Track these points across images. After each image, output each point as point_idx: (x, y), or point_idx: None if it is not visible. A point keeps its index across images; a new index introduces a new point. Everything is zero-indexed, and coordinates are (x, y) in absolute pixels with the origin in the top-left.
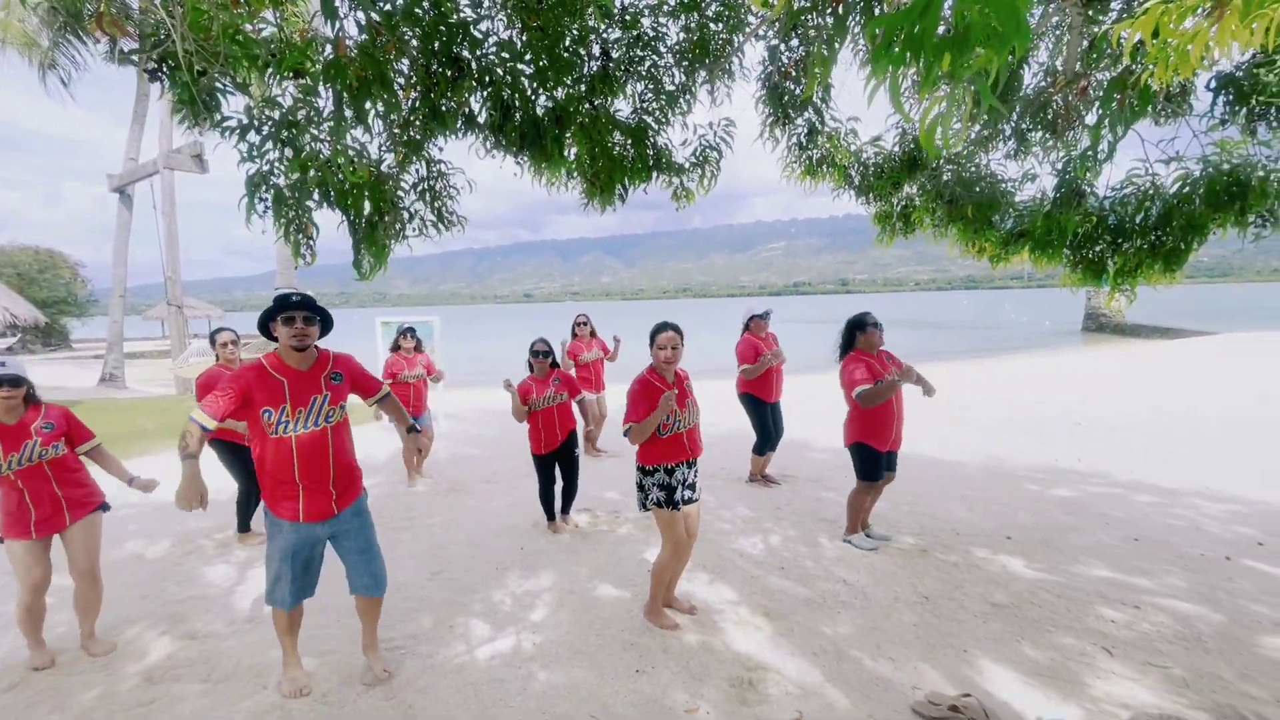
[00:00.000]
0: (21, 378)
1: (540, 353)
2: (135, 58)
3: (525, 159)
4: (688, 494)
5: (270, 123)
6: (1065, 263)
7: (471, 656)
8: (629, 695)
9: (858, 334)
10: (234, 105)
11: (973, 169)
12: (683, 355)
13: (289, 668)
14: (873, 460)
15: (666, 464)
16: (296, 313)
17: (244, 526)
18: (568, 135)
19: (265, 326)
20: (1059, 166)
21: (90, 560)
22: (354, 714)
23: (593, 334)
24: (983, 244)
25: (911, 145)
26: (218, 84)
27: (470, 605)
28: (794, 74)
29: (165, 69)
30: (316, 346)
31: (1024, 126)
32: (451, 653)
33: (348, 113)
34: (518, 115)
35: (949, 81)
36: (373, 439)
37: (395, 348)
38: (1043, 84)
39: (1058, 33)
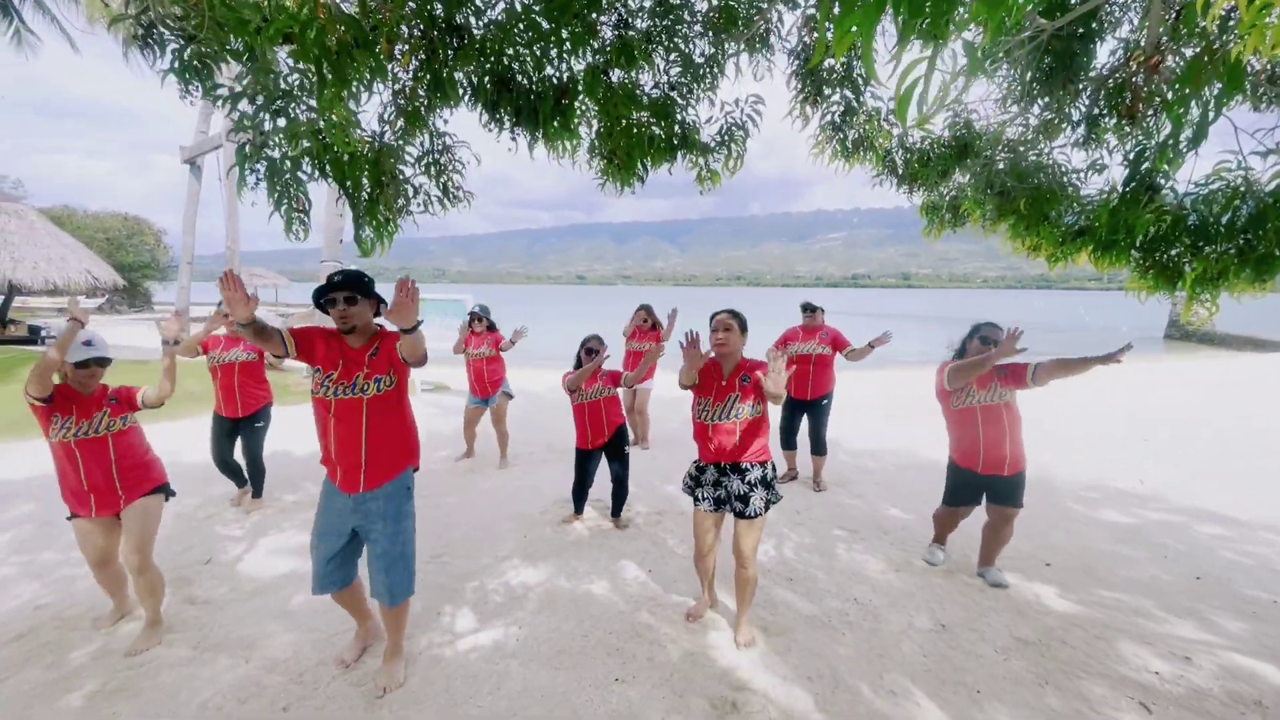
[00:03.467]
0: (107, 358)
1: (593, 351)
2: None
3: (521, 133)
4: (710, 492)
5: (264, 91)
6: (1133, 266)
7: (452, 648)
8: (603, 705)
9: (967, 342)
10: (230, 72)
11: (1032, 158)
12: (739, 344)
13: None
14: (952, 478)
15: (698, 460)
16: (337, 294)
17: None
18: (575, 106)
19: (322, 306)
20: (1131, 156)
21: (140, 543)
22: (324, 696)
23: (653, 326)
24: (1037, 241)
25: (963, 130)
26: (209, 50)
27: (462, 593)
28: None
29: (153, 37)
30: (381, 326)
31: (1096, 111)
32: (433, 641)
33: (329, 77)
34: (515, 87)
35: (934, 41)
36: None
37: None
38: (1120, 62)
39: (1142, 2)
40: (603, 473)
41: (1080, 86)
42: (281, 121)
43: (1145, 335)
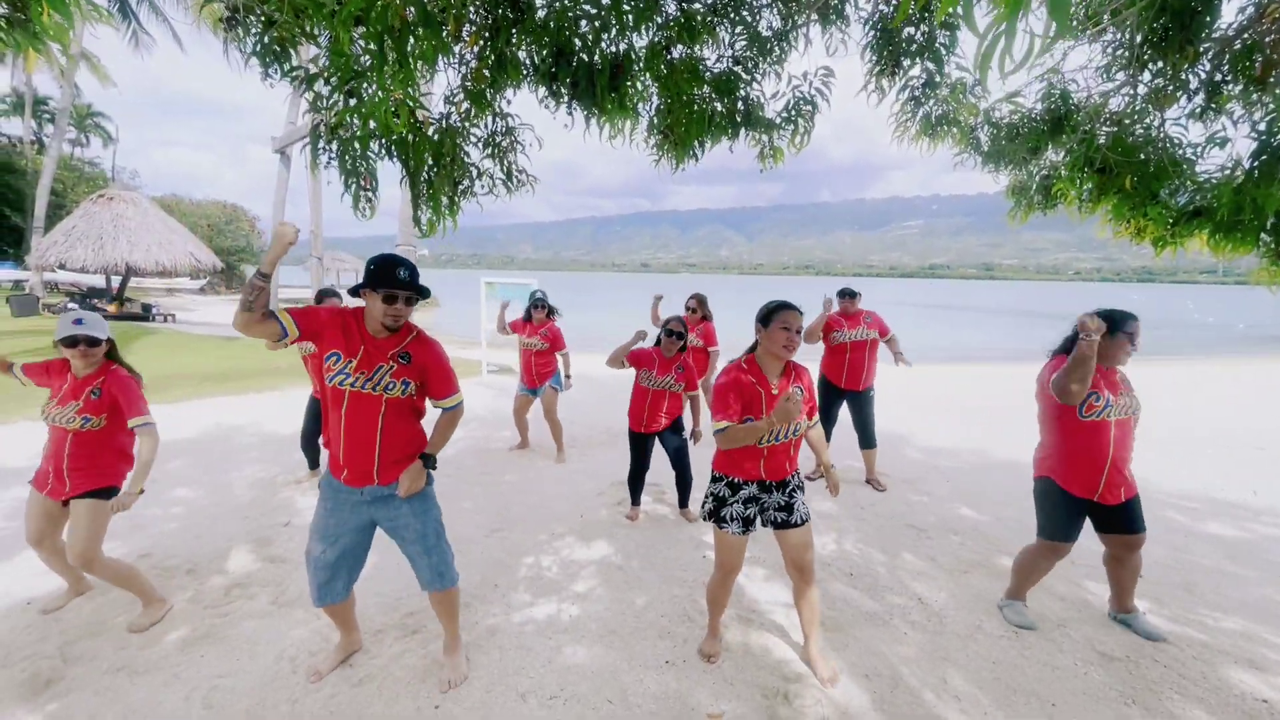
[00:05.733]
0: (97, 338)
1: (674, 333)
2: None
3: (577, 109)
4: (740, 511)
5: (338, 73)
6: (1262, 251)
7: (507, 619)
8: (652, 686)
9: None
10: (307, 55)
11: (1140, 131)
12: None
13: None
14: (1058, 507)
15: (731, 477)
16: (400, 292)
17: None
18: (633, 81)
19: (360, 290)
20: (1261, 126)
21: (83, 544)
22: (388, 656)
23: (704, 319)
24: (1143, 223)
25: (1058, 102)
26: (287, 35)
27: (518, 568)
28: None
29: (236, 19)
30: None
31: (1218, 77)
32: (489, 612)
33: (391, 56)
34: (574, 61)
35: None
36: (471, 394)
37: (527, 316)
38: (1250, 19)
39: None
40: (661, 457)
41: (1201, 49)
42: (353, 101)
43: (1265, 334)
